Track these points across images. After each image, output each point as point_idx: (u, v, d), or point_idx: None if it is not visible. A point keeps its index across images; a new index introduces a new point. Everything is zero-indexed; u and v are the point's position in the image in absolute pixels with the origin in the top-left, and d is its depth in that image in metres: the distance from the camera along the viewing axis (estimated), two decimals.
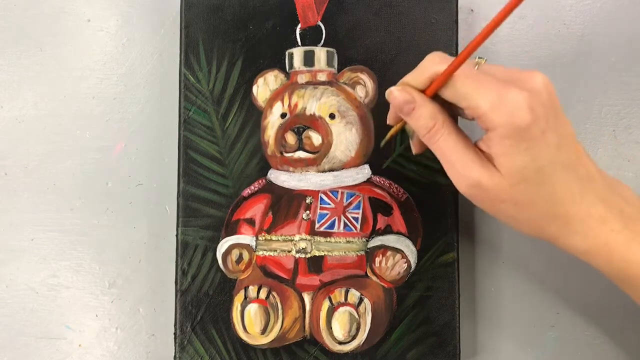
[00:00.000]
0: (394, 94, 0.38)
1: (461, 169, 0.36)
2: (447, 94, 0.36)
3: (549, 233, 0.37)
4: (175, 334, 0.44)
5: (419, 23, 0.46)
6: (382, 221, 0.45)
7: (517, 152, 0.35)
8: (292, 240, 0.45)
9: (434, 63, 0.37)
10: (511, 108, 0.34)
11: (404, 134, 0.45)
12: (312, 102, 0.45)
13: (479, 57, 0.37)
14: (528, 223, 0.37)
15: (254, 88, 0.46)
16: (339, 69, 0.46)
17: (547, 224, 0.37)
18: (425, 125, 0.37)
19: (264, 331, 0.44)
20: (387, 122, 0.42)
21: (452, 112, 0.38)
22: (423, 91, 0.37)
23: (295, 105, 0.45)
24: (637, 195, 0.38)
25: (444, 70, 0.36)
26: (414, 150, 0.41)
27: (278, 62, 0.46)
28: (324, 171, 0.45)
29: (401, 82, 0.38)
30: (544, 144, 0.35)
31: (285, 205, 0.45)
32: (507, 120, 0.34)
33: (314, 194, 0.45)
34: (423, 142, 0.39)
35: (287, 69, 0.46)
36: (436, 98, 0.37)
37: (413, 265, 0.44)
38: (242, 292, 0.44)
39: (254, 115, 0.46)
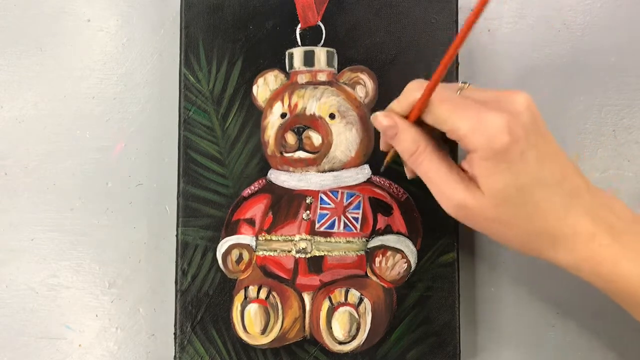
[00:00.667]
0: (379, 118, 0.39)
1: (445, 190, 0.37)
2: (428, 118, 0.37)
3: (535, 249, 0.38)
4: (175, 334, 0.44)
5: (419, 23, 0.46)
6: (382, 221, 0.45)
7: (497, 173, 0.35)
8: (292, 240, 0.45)
9: (414, 90, 0.38)
10: (489, 131, 0.35)
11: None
12: (312, 102, 0.45)
13: (462, 82, 0.38)
14: (514, 240, 0.38)
15: (254, 88, 0.46)
16: (339, 69, 0.46)
17: (532, 240, 0.37)
18: (408, 148, 0.38)
19: (264, 331, 0.44)
20: (380, 149, 0.43)
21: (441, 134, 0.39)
22: (407, 117, 0.38)
23: (295, 105, 0.45)
24: (628, 208, 0.39)
25: (421, 96, 0.36)
26: (408, 175, 0.42)
27: (278, 62, 0.46)
28: (324, 171, 0.45)
29: (387, 108, 0.40)
30: (524, 164, 0.35)
31: (285, 205, 0.45)
32: (486, 143, 0.35)
33: (314, 194, 0.45)
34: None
35: (287, 69, 0.46)
36: (422, 123, 0.38)
37: (413, 265, 0.44)
38: (242, 292, 0.44)
39: (254, 115, 0.46)
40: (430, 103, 0.36)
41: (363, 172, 0.45)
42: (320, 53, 0.46)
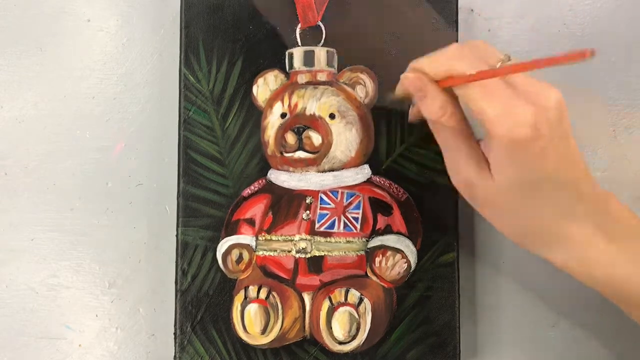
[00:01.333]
0: (409, 78, 0.37)
1: (457, 163, 0.37)
2: (459, 92, 0.36)
3: (530, 244, 0.38)
4: (175, 334, 0.44)
5: (419, 23, 0.46)
6: (382, 221, 0.45)
7: (511, 164, 0.35)
8: (292, 240, 0.45)
9: (454, 57, 0.36)
10: (515, 122, 0.34)
11: (404, 136, 0.45)
12: (312, 102, 0.45)
13: (505, 54, 0.36)
14: (512, 230, 0.38)
15: (254, 88, 0.46)
16: (339, 69, 0.46)
17: (530, 235, 0.38)
18: (435, 113, 0.37)
19: (264, 331, 0.44)
20: (395, 94, 0.41)
21: None
22: (437, 80, 0.37)
23: (295, 105, 0.45)
24: (628, 209, 0.38)
25: (466, 75, 0.35)
26: (410, 118, 0.42)
27: (278, 62, 0.46)
28: (324, 171, 0.45)
29: (416, 66, 0.38)
30: (542, 161, 0.35)
31: (285, 205, 0.45)
32: (508, 132, 0.34)
33: (314, 194, 0.45)
34: (419, 115, 0.39)
35: (287, 69, 0.46)
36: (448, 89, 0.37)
37: (413, 265, 0.44)
38: (242, 292, 0.44)
39: (254, 115, 0.46)
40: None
41: (363, 172, 0.45)
42: (320, 53, 0.46)
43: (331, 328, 0.44)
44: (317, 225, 0.45)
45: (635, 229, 0.38)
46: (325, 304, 0.44)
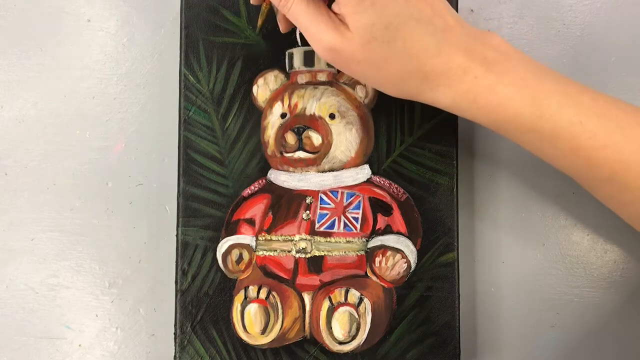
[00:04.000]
0: None
1: (315, 33, 0.37)
2: None
3: (411, 90, 0.38)
4: (175, 334, 0.44)
5: None
6: (382, 221, 0.45)
7: (363, 10, 0.35)
8: (292, 240, 0.45)
9: None
10: None
11: (404, 136, 0.45)
12: (312, 102, 0.45)
13: None
14: (387, 81, 0.38)
15: (254, 88, 0.46)
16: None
17: (406, 81, 0.37)
18: None
19: (264, 331, 0.44)
20: (251, 2, 0.42)
21: None
22: None
23: (295, 105, 0.45)
24: (508, 44, 0.38)
25: None
26: (281, 27, 0.42)
27: (278, 62, 0.46)
28: (324, 171, 0.45)
29: None
30: (390, 0, 0.35)
31: (285, 205, 0.45)
32: None
33: (314, 194, 0.45)
34: (287, 19, 0.39)
35: (287, 69, 0.46)
36: None
37: (413, 265, 0.44)
38: (242, 292, 0.44)
39: (254, 115, 0.46)
40: None
41: (363, 172, 0.45)
42: None
43: (331, 328, 0.44)
44: (317, 225, 0.45)
45: (514, 57, 0.38)
46: (325, 304, 0.44)
